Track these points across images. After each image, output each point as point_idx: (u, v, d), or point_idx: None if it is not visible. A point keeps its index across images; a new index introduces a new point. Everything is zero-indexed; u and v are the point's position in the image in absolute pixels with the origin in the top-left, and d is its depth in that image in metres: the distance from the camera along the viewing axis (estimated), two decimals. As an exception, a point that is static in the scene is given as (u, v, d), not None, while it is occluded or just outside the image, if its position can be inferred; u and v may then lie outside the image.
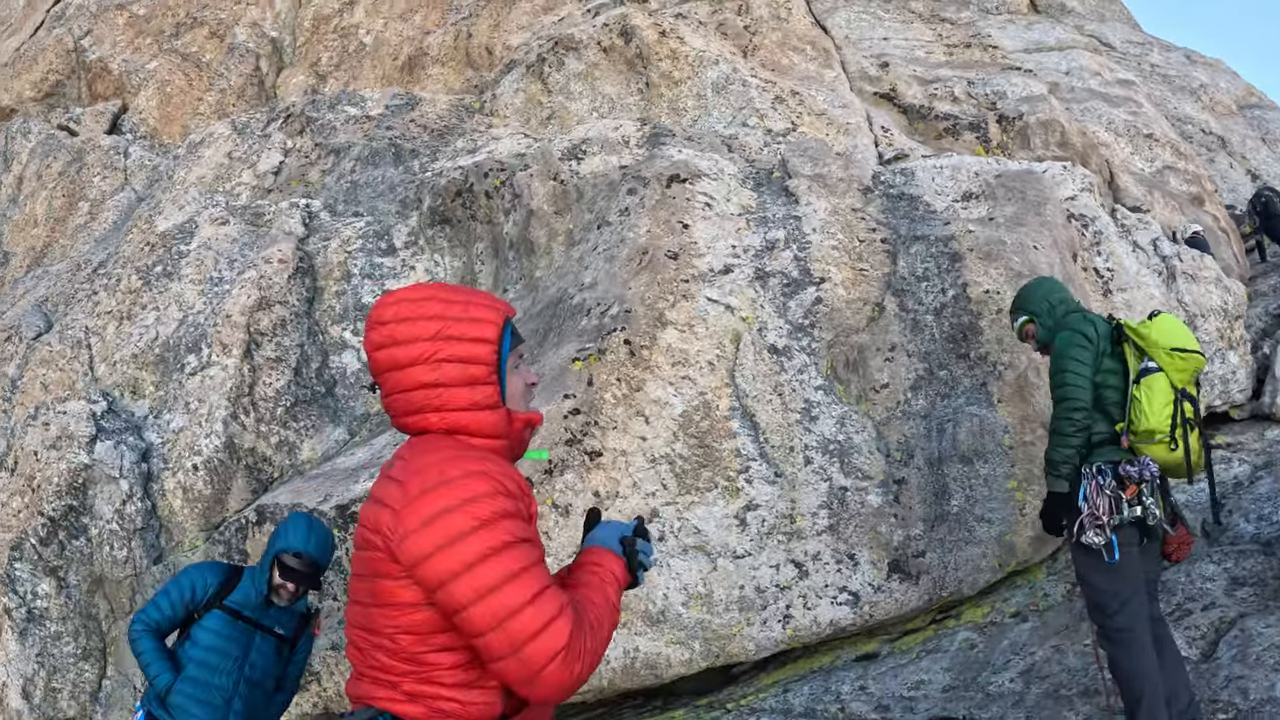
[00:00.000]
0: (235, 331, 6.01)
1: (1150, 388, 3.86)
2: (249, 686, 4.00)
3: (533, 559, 1.79)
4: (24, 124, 9.84)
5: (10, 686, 5.43)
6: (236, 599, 4.02)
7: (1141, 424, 3.85)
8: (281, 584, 4.00)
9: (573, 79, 7.39)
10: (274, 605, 4.05)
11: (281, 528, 4.13)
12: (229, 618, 3.99)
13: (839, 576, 4.95)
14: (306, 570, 4.02)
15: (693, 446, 5.00)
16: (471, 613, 1.74)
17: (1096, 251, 6.60)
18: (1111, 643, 3.86)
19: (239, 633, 4.00)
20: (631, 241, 5.61)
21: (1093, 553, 3.85)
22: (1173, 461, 3.88)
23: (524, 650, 1.72)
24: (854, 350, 5.43)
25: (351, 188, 7.09)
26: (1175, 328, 3.94)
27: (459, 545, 1.74)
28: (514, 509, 1.81)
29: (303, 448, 5.86)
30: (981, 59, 8.83)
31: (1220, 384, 6.95)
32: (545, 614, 1.73)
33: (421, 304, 1.93)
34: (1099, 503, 3.83)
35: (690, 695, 5.28)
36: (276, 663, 4.10)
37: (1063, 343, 4.06)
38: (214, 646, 3.95)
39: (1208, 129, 11.99)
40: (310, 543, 4.02)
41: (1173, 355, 3.87)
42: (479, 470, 1.82)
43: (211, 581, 4.06)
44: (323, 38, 9.60)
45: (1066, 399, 3.95)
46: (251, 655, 4.00)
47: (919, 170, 6.42)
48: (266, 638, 4.05)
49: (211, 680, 3.93)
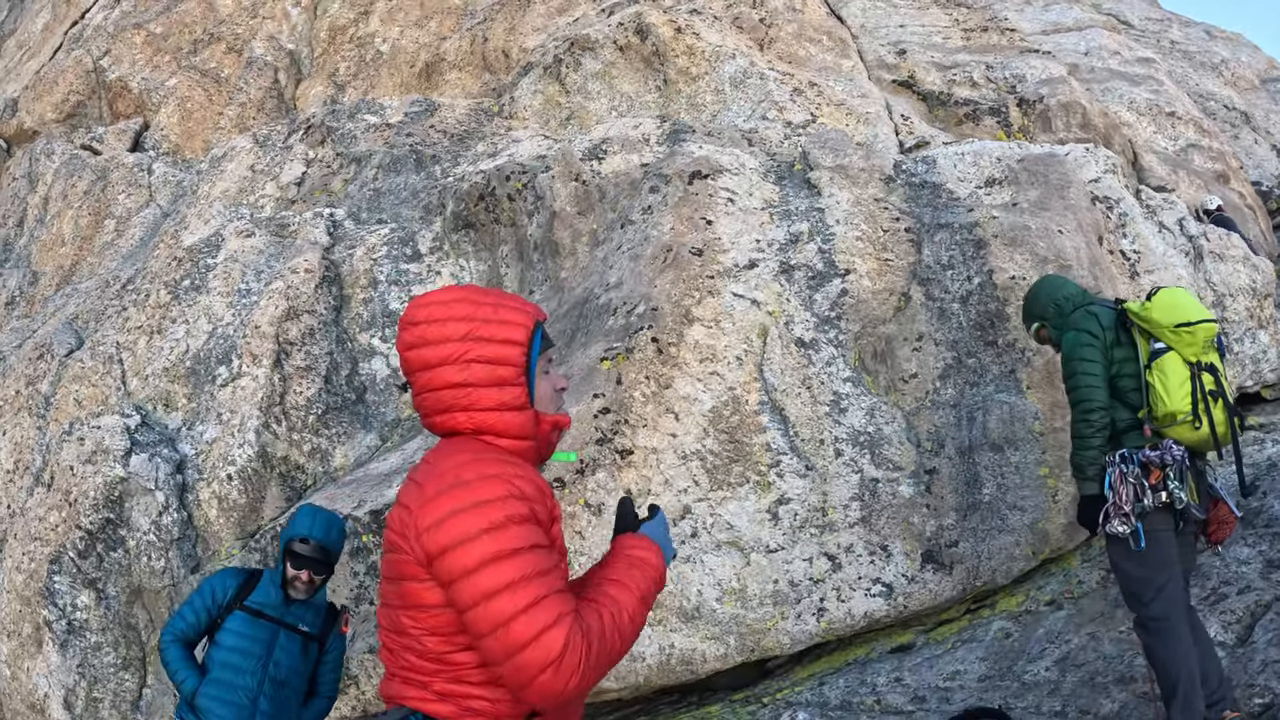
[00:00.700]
0: (264, 342, 6.08)
1: (1163, 370, 3.79)
2: (274, 686, 3.98)
3: (538, 567, 1.78)
4: (47, 145, 9.97)
5: (52, 697, 5.52)
6: (257, 599, 4.04)
7: (1161, 408, 3.79)
8: (295, 575, 4.02)
9: (590, 79, 7.40)
10: (295, 601, 4.05)
11: (289, 520, 4.16)
12: (250, 617, 4.00)
13: (872, 568, 4.94)
14: (316, 555, 4.02)
15: (723, 442, 5.00)
16: (471, 616, 1.77)
17: (1122, 234, 6.54)
18: (1147, 631, 3.81)
19: (261, 632, 4.00)
20: (655, 239, 5.61)
21: (1122, 541, 3.80)
22: (1200, 439, 3.81)
23: (516, 659, 1.73)
24: (881, 341, 5.42)
25: (374, 195, 7.14)
26: (1175, 302, 3.86)
27: (465, 548, 1.77)
28: (527, 513, 1.82)
29: (335, 455, 5.91)
30: (999, 42, 8.77)
31: (1251, 364, 6.87)
32: (538, 624, 1.73)
33: (452, 305, 1.97)
34: (1122, 491, 3.77)
35: (726, 690, 5.28)
36: (304, 661, 4.08)
37: (1070, 344, 4.00)
38: (237, 647, 3.96)
39: (1231, 105, 11.84)
40: (315, 528, 4.04)
41: (1178, 332, 3.79)
42: (494, 474, 1.84)
43: (231, 584, 4.09)
44: (339, 48, 9.67)
45: (1081, 401, 3.89)
46: (275, 654, 3.99)
47: (940, 157, 6.39)
48: (291, 635, 4.04)
49: (236, 681, 3.93)
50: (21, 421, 6.68)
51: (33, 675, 5.56)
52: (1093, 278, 5.61)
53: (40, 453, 6.41)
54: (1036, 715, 4.36)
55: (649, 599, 1.97)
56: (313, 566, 4.03)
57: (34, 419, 6.65)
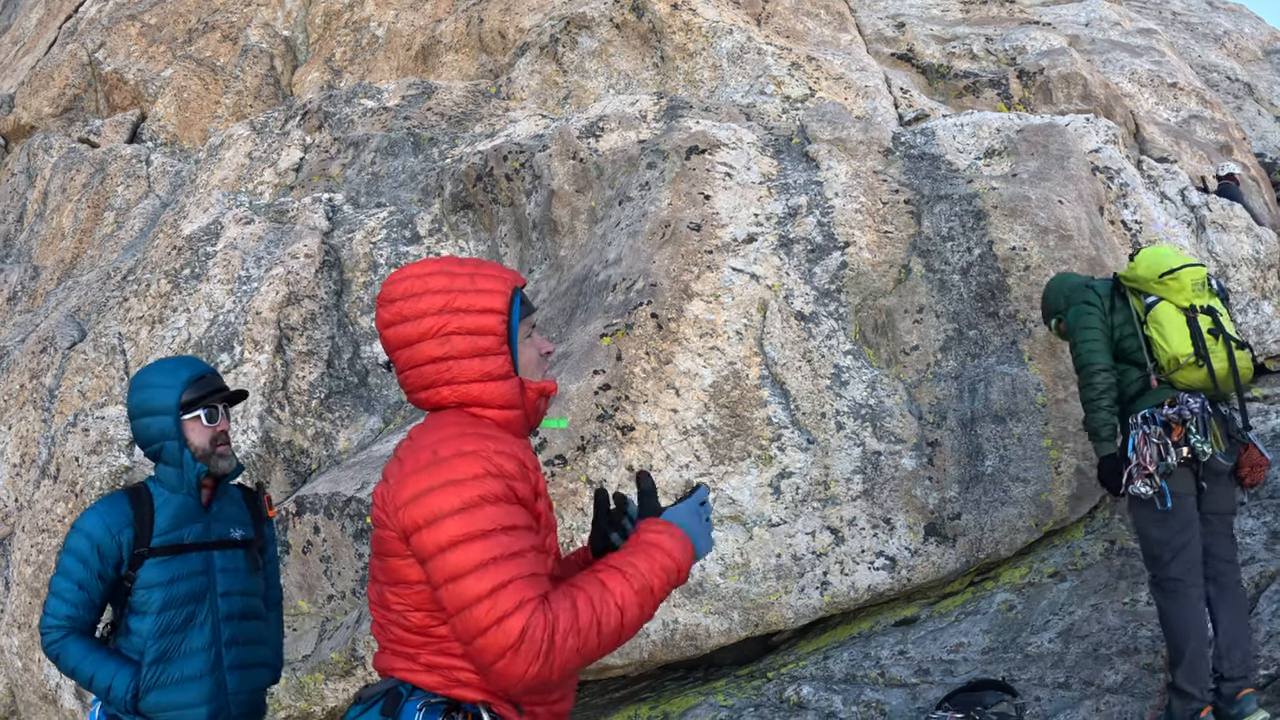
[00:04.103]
0: (266, 328, 6.08)
1: (1158, 320, 3.87)
2: (234, 625, 2.95)
3: (509, 549, 1.75)
4: (45, 140, 9.98)
5: (64, 688, 5.55)
6: (164, 527, 2.87)
7: (1164, 354, 3.84)
8: (213, 434, 2.91)
9: (587, 57, 7.37)
10: (216, 497, 2.99)
11: (145, 381, 2.94)
12: (168, 558, 2.86)
13: (875, 541, 4.94)
14: (221, 384, 2.98)
15: (724, 417, 4.99)
16: (442, 594, 1.77)
17: (1124, 204, 6.50)
18: (1162, 592, 3.82)
19: (190, 567, 2.89)
20: (653, 215, 5.59)
21: (1146, 503, 3.82)
22: (1206, 379, 3.83)
23: (477, 641, 1.72)
24: (882, 313, 5.40)
25: (373, 179, 7.13)
26: (1155, 255, 3.96)
27: (437, 526, 1.75)
28: (503, 492, 1.79)
29: (339, 438, 5.92)
30: (999, 14, 8.71)
31: (1254, 334, 6.84)
32: (500, 609, 1.69)
33: (428, 279, 1.93)
34: (1145, 452, 3.80)
35: (731, 665, 5.29)
36: (254, 577, 3.04)
37: (1071, 317, 4.13)
38: (168, 604, 2.84)
39: (1233, 76, 11.75)
40: (191, 364, 2.99)
41: (1163, 281, 3.87)
42: (472, 450, 1.80)
43: (117, 524, 2.84)
44: (335, 33, 9.64)
45: (1086, 365, 3.99)
46: (220, 585, 2.93)
47: (939, 129, 6.35)
48: (227, 554, 2.97)
49: (182, 647, 2.86)
50: (27, 415, 6.71)
51: (44, 666, 5.59)
52: (1094, 248, 5.58)
53: (46, 445, 6.44)
54: (1040, 687, 4.36)
55: (655, 590, 1.82)
56: (227, 400, 2.97)
57: (39, 412, 6.67)
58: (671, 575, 1.85)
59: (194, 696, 2.85)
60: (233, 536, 3.00)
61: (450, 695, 1.84)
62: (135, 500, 2.89)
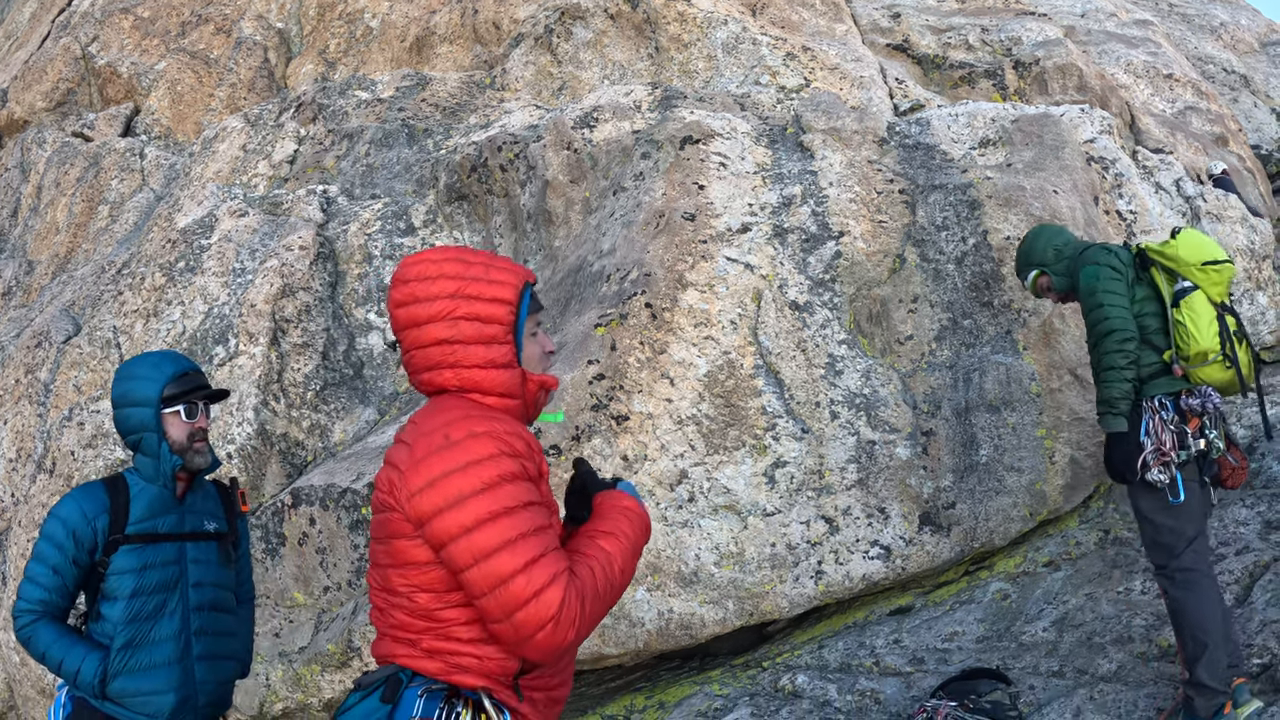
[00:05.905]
0: (260, 320, 6.07)
1: (1192, 308, 3.69)
2: (204, 616, 3.01)
3: (533, 524, 1.81)
4: (38, 134, 9.95)
5: (63, 678, 5.56)
6: (140, 516, 2.94)
7: (1192, 347, 3.68)
8: (192, 430, 2.98)
9: (581, 48, 7.36)
10: (191, 490, 3.06)
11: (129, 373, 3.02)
12: (141, 546, 2.92)
13: (870, 530, 4.94)
14: (203, 381, 3.06)
15: (719, 406, 5.00)
16: (469, 575, 1.79)
17: (1119, 194, 6.50)
18: (1175, 584, 3.68)
19: (163, 556, 2.95)
20: (648, 205, 5.59)
21: (1156, 491, 3.68)
22: (1227, 379, 3.73)
23: (514, 617, 1.76)
24: (876, 303, 5.40)
25: (367, 171, 7.12)
26: (1201, 241, 3.77)
27: (459, 508, 1.79)
28: (518, 470, 1.84)
29: (334, 430, 5.92)
30: (995, 5, 8.70)
31: (1249, 325, 6.84)
32: (537, 583, 1.76)
33: (443, 264, 1.99)
34: (1164, 438, 3.65)
35: (726, 655, 5.30)
36: (226, 570, 3.12)
37: (1090, 277, 3.85)
38: (139, 591, 2.90)
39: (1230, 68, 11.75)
40: (176, 360, 3.06)
41: (1206, 270, 3.70)
42: (484, 431, 1.85)
43: (93, 510, 2.91)
44: (329, 25, 9.61)
45: (1113, 331, 3.70)
46: (191, 575, 2.99)
47: (934, 119, 6.35)
48: (200, 545, 3.03)
49: (151, 634, 2.90)
50: (22, 410, 6.70)
51: (40, 657, 5.60)
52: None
53: (42, 440, 6.43)
54: (1034, 675, 4.37)
55: (639, 547, 2.01)
56: (208, 398, 3.05)
57: (34, 407, 6.66)
58: (644, 536, 2.04)
59: (161, 683, 2.89)
60: (206, 529, 3.06)
61: (450, 681, 1.86)
62: (111, 488, 2.97)
